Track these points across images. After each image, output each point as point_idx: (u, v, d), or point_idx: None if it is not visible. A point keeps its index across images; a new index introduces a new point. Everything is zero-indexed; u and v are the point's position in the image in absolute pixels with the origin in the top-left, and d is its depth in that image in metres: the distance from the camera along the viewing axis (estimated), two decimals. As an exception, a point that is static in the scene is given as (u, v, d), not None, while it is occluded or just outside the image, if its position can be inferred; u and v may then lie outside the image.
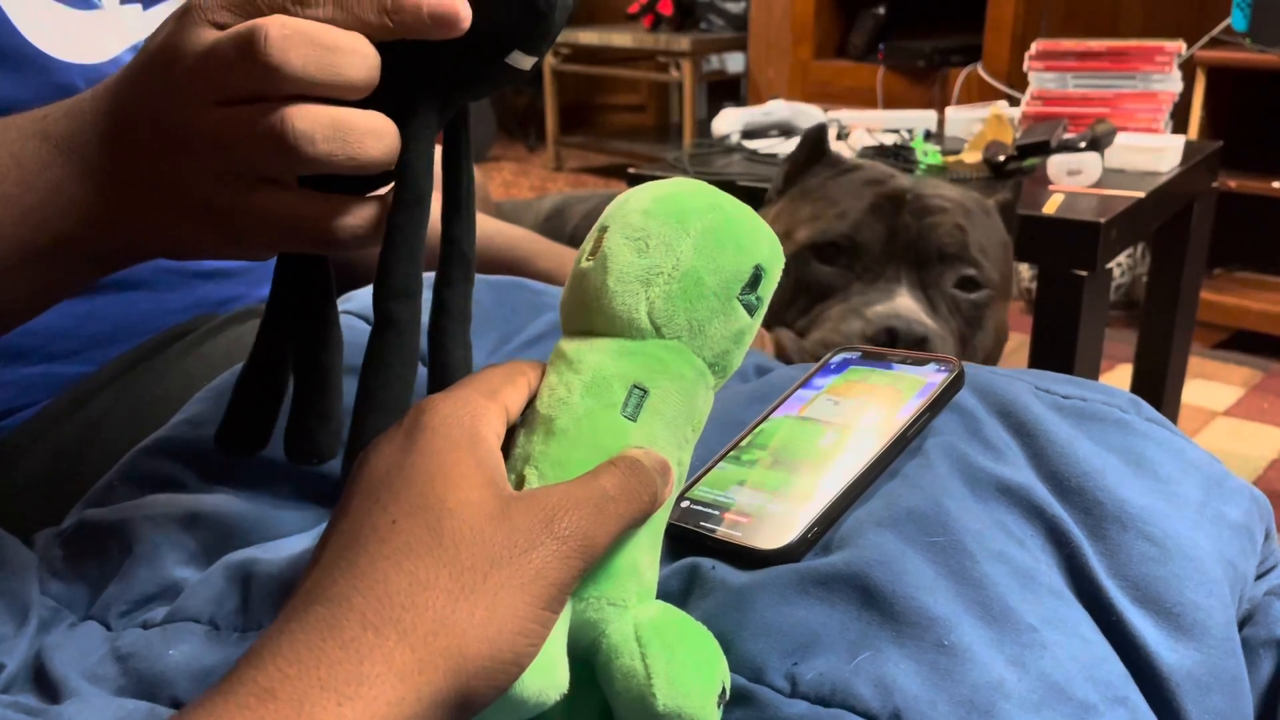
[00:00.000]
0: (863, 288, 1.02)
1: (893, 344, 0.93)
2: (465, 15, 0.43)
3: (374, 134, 0.43)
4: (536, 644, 0.35)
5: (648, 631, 0.39)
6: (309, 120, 0.41)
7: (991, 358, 1.09)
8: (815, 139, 1.15)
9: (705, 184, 0.46)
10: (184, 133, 0.44)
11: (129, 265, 0.51)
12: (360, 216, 0.46)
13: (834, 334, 0.99)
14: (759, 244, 0.45)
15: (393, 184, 0.47)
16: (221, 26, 0.43)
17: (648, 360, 0.43)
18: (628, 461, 0.40)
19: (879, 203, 1.05)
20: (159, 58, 0.44)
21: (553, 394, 0.43)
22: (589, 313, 0.44)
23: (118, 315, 0.70)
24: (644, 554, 0.41)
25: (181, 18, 0.44)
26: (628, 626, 0.39)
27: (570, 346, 0.44)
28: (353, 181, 0.46)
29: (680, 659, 0.38)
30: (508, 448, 0.42)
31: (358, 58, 0.42)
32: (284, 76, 0.41)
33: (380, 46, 0.43)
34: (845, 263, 1.03)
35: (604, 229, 0.45)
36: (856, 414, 0.54)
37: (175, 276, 0.73)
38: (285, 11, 0.42)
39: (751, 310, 0.45)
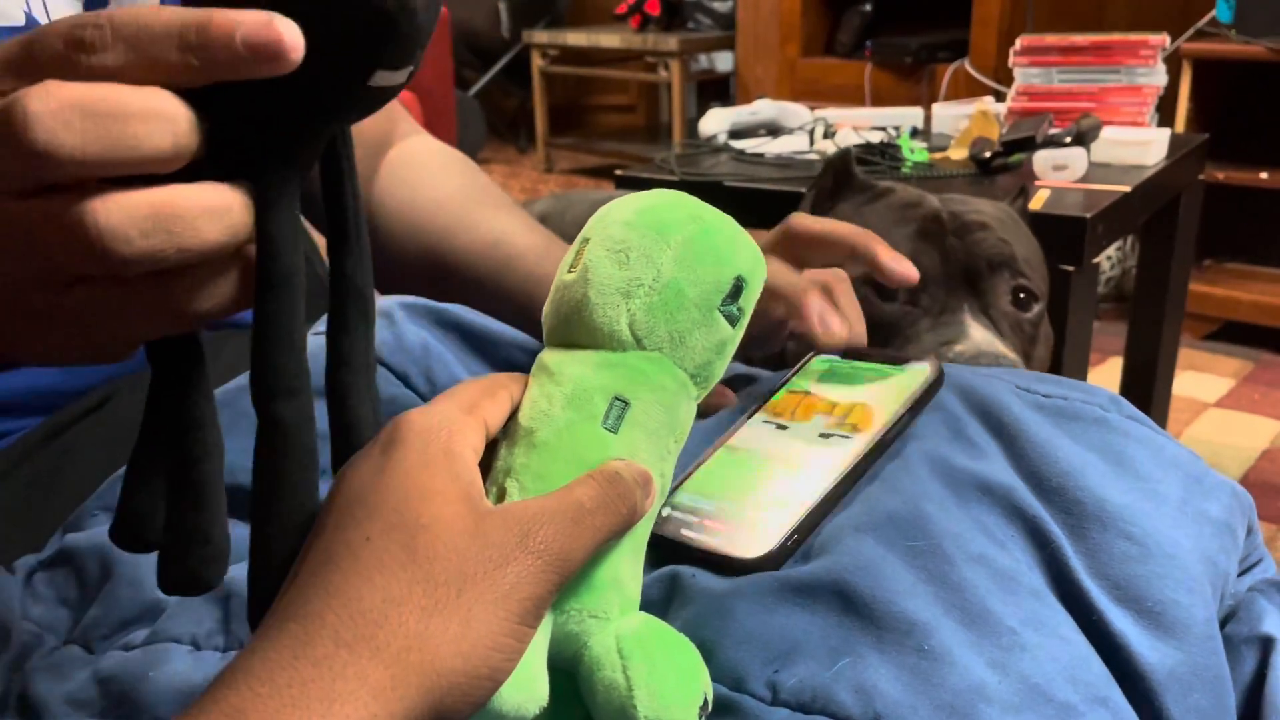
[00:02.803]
0: (931, 323, 0.98)
1: None
2: (293, 43, 0.32)
3: (210, 214, 0.34)
4: (512, 658, 0.36)
5: (629, 643, 0.39)
6: (120, 214, 0.33)
7: (1044, 366, 1.06)
8: (840, 166, 1.10)
9: (687, 195, 0.46)
10: None
11: None
12: (219, 291, 0.37)
13: None
14: (740, 255, 0.45)
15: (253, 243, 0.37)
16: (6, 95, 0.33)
17: (629, 372, 0.43)
18: (606, 474, 0.40)
19: (925, 227, 1.01)
20: None
21: (534, 406, 0.43)
22: (570, 325, 0.44)
23: (100, 369, 0.68)
24: (626, 566, 0.42)
25: None
26: (609, 639, 0.39)
27: (552, 358, 0.45)
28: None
29: (661, 670, 0.39)
30: (490, 461, 0.42)
31: (158, 124, 0.33)
32: (59, 162, 0.32)
33: (208, 94, 0.34)
34: (907, 296, 0.99)
35: (585, 240, 0.45)
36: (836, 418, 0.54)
37: None
38: (65, 64, 0.33)
39: (733, 321, 0.45)
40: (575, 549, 0.38)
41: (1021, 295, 1.01)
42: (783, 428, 0.55)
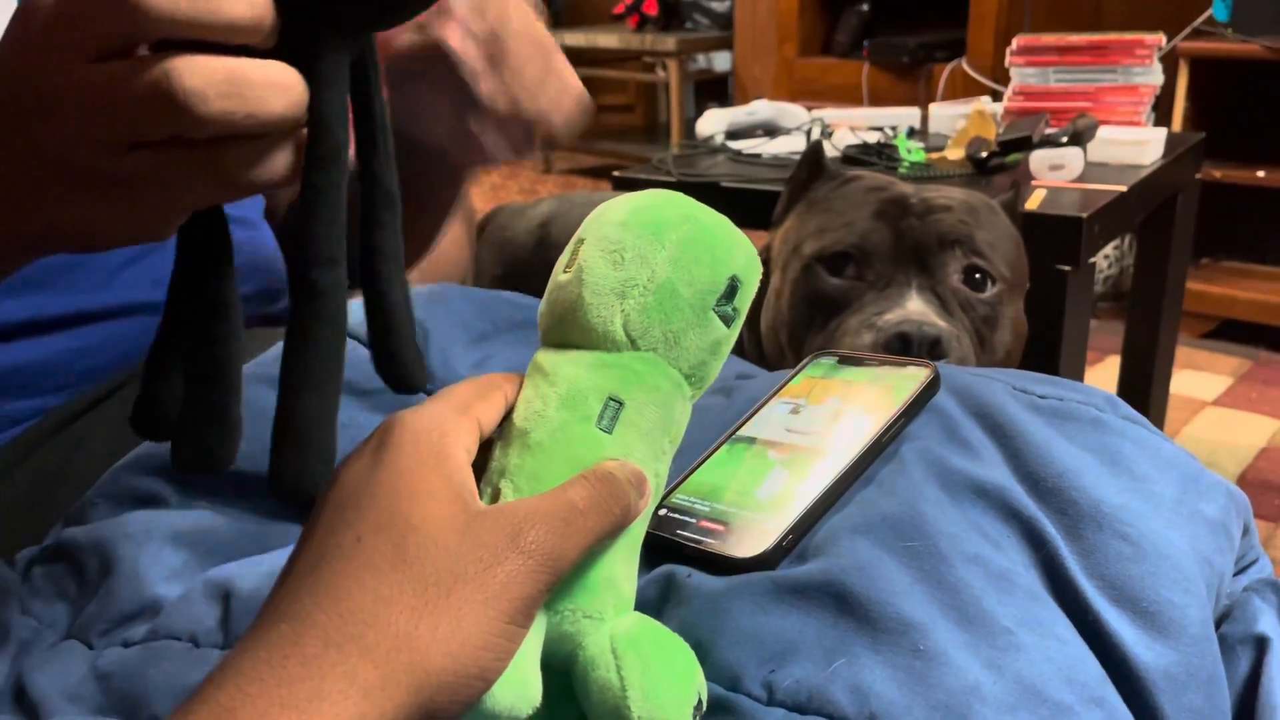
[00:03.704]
0: (874, 296, 1.00)
1: (906, 350, 0.91)
2: None
3: (276, 87, 0.38)
4: (503, 658, 0.36)
5: (623, 643, 0.39)
6: (200, 75, 0.36)
7: (1013, 354, 1.06)
8: (812, 157, 1.13)
9: (682, 195, 0.46)
10: (48, 94, 0.38)
11: (7, 269, 0.45)
12: (272, 165, 0.40)
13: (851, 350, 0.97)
14: (734, 255, 0.45)
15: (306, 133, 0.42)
16: None
17: (623, 372, 0.43)
18: (599, 474, 0.40)
19: (883, 208, 1.03)
20: (19, 13, 0.39)
21: (529, 407, 0.43)
22: (565, 325, 0.44)
23: (110, 348, 0.68)
24: (620, 566, 0.42)
25: None
26: (604, 638, 0.39)
27: (547, 359, 0.45)
28: None
29: (655, 670, 0.39)
30: (484, 462, 0.42)
31: None
32: (152, 17, 0.35)
33: None
34: (854, 272, 1.01)
35: (581, 241, 0.45)
36: (832, 420, 0.54)
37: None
38: None
39: (728, 321, 0.45)
40: (567, 549, 0.38)
41: (976, 275, 1.01)
42: (778, 429, 0.55)
